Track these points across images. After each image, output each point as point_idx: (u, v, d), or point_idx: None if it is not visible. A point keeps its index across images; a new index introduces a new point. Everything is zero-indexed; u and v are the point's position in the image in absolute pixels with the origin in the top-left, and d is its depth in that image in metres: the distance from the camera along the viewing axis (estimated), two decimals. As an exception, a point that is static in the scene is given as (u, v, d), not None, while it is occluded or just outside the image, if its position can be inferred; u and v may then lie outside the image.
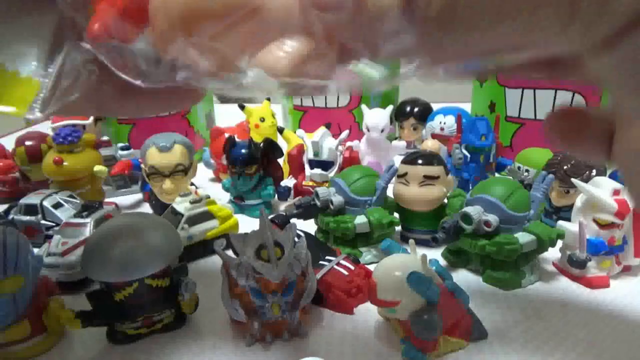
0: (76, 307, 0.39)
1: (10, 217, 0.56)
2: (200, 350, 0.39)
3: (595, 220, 0.45)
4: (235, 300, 0.38)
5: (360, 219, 0.50)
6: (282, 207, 0.67)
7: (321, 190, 0.52)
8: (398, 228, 0.55)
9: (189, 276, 0.41)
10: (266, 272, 0.35)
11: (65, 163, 0.59)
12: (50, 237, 0.51)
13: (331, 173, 0.67)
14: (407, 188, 0.52)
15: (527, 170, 0.63)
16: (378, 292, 0.36)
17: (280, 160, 0.67)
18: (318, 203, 0.51)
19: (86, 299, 0.39)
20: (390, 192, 0.54)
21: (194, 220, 0.53)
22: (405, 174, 0.52)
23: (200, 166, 0.72)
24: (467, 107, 0.85)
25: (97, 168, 0.62)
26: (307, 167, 0.69)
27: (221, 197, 0.66)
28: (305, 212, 0.53)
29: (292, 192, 0.68)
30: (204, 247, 0.53)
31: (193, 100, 0.29)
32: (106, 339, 0.40)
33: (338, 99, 0.89)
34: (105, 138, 0.75)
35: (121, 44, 0.19)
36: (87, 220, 0.50)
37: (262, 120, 0.83)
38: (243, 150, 0.61)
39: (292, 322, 0.39)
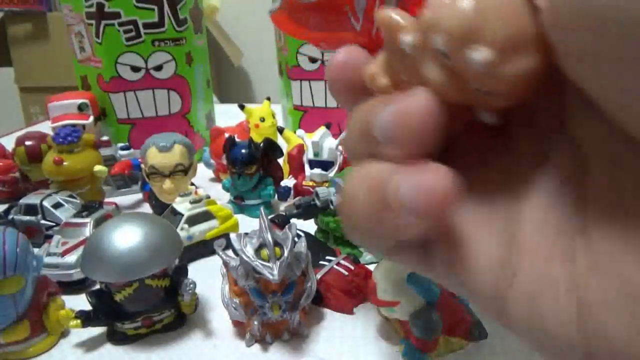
0: (76, 307, 0.39)
1: (10, 217, 0.56)
2: (200, 350, 0.39)
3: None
4: (235, 300, 0.38)
5: (360, 219, 0.50)
6: (282, 207, 0.67)
7: (321, 190, 0.51)
8: (398, 228, 0.55)
9: (189, 276, 0.41)
10: (266, 272, 0.35)
11: (65, 163, 0.59)
12: (50, 237, 0.51)
13: (331, 173, 0.67)
14: (407, 188, 0.52)
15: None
16: (378, 292, 0.36)
17: (280, 160, 0.67)
18: (318, 203, 0.51)
19: (86, 299, 0.39)
20: (390, 192, 0.54)
21: (194, 220, 0.53)
22: (405, 174, 0.52)
23: (200, 166, 0.72)
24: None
25: (97, 168, 0.62)
26: (307, 167, 0.68)
27: (221, 197, 0.66)
28: (305, 212, 0.53)
29: (292, 192, 0.68)
30: (204, 247, 0.53)
31: None
32: (106, 339, 0.40)
33: (338, 99, 0.89)
34: (105, 138, 0.75)
35: None
36: (87, 220, 0.50)
37: (262, 120, 0.83)
38: (243, 150, 0.61)
39: (292, 322, 0.39)
